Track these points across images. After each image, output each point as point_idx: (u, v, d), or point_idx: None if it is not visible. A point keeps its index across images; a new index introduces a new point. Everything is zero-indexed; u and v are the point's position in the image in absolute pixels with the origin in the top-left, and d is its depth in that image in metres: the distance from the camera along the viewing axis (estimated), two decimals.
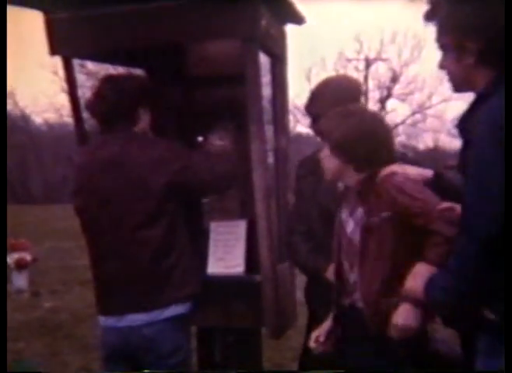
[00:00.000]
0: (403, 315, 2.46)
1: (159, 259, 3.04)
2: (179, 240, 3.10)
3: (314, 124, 3.19)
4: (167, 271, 3.05)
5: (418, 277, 2.39)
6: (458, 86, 2.33)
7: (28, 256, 10.64)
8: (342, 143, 2.65)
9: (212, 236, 3.58)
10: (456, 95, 2.44)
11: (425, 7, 2.34)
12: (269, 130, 3.54)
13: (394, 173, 2.58)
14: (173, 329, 3.07)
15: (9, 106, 50.71)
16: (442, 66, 2.33)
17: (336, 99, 3.18)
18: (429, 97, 34.23)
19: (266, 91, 3.47)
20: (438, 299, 2.21)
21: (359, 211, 2.64)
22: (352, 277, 2.67)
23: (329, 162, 2.73)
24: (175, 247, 3.08)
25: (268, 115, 3.51)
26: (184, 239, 3.12)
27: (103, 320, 3.18)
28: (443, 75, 2.37)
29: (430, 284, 2.26)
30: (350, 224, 2.69)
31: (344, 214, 2.74)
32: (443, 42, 2.30)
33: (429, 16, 2.35)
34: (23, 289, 10.35)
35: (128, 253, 3.05)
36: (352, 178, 2.70)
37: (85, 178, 3.14)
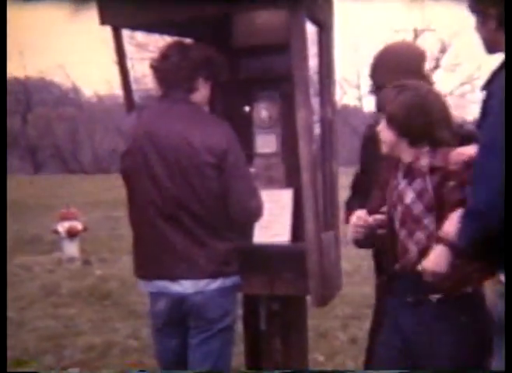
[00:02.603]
0: (434, 258, 2.53)
1: (206, 233, 3.12)
2: (223, 215, 3.15)
3: (376, 94, 3.20)
4: (215, 244, 3.12)
5: (453, 222, 2.47)
6: (488, 48, 2.50)
7: (79, 225, 10.86)
8: (396, 116, 2.70)
9: None
10: None
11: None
12: (316, 101, 3.54)
13: (464, 151, 2.60)
14: (221, 296, 3.15)
15: (60, 78, 51.32)
16: (476, 29, 2.49)
17: (398, 66, 3.18)
18: (478, 68, 33.55)
19: (313, 63, 3.47)
20: (461, 245, 2.39)
21: (420, 182, 2.69)
22: (412, 245, 2.71)
23: (385, 135, 2.77)
24: (221, 221, 3.15)
25: (314, 86, 3.51)
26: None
27: (151, 287, 3.24)
28: None
29: (459, 230, 2.41)
30: (409, 193, 2.72)
31: (402, 184, 2.77)
32: (471, 8, 2.47)
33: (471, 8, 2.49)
34: (75, 257, 10.58)
35: (176, 223, 3.11)
36: (406, 152, 2.74)
37: (136, 144, 3.17)
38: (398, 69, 3.20)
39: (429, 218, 2.65)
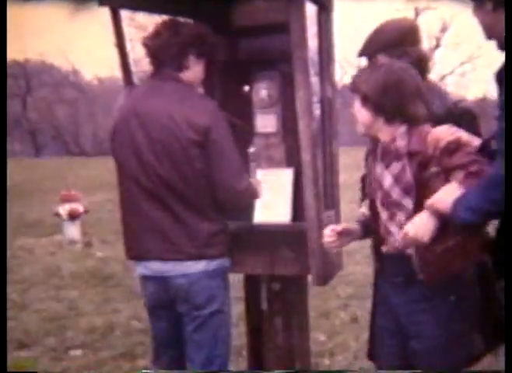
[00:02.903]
0: (417, 224, 2.54)
1: (189, 213, 3.09)
2: (209, 195, 3.12)
3: None
4: (198, 226, 3.10)
5: (447, 193, 2.48)
6: (486, 33, 2.45)
7: (80, 207, 10.86)
8: (370, 94, 2.70)
9: None
10: None
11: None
12: (315, 81, 3.53)
13: (445, 130, 2.61)
14: (206, 279, 3.12)
15: (60, 61, 51.18)
16: (473, 13, 2.45)
17: (389, 41, 3.17)
18: (479, 47, 33.43)
19: (312, 43, 3.45)
20: (463, 216, 2.38)
21: (396, 165, 2.68)
22: (393, 227, 2.71)
23: (361, 115, 2.77)
24: (206, 202, 3.12)
25: (314, 66, 3.50)
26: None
27: (141, 269, 3.24)
28: None
29: (458, 201, 2.40)
30: (387, 177, 2.71)
31: (378, 167, 2.76)
32: None
33: None
34: (76, 239, 10.59)
35: (160, 203, 3.09)
36: (384, 131, 2.73)
37: (123, 122, 3.17)
38: (390, 43, 3.20)
39: (408, 199, 2.64)
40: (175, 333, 3.25)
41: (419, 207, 2.59)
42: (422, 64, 3.20)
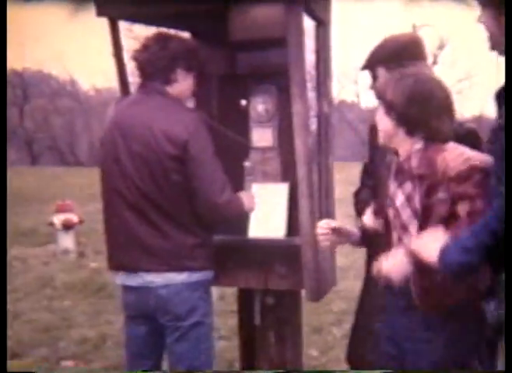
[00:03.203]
0: (392, 264, 2.52)
1: (170, 226, 3.09)
2: (190, 209, 3.11)
3: (373, 84, 3.20)
4: (179, 238, 3.10)
5: (432, 240, 2.41)
6: (495, 43, 2.31)
7: (74, 217, 10.82)
8: (395, 103, 2.62)
9: None
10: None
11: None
12: (312, 96, 3.54)
13: (457, 156, 2.53)
14: (188, 291, 3.13)
15: (57, 70, 51.25)
16: (480, 20, 2.32)
17: (389, 55, 3.17)
18: (476, 64, 33.56)
19: (310, 57, 3.46)
20: (447, 268, 2.31)
21: (408, 185, 2.62)
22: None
23: (383, 123, 2.70)
24: (187, 215, 3.11)
25: (311, 81, 3.51)
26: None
27: (122, 279, 3.25)
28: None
29: (444, 252, 2.32)
30: (399, 196, 2.66)
31: (393, 185, 2.71)
32: None
33: None
34: (70, 249, 10.55)
35: (141, 215, 3.10)
36: (403, 142, 2.66)
37: (108, 134, 3.19)
38: (394, 57, 3.19)
39: (414, 223, 2.60)
40: (152, 344, 3.27)
41: (420, 231, 2.55)
42: None
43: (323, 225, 2.84)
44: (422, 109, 2.60)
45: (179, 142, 3.01)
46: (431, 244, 2.39)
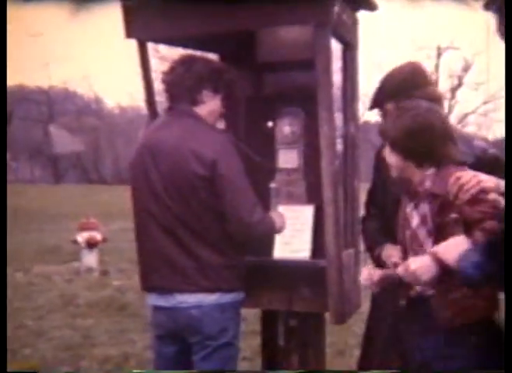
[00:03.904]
0: (419, 263, 2.52)
1: (202, 247, 3.10)
2: (221, 230, 3.12)
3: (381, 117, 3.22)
4: (211, 259, 3.10)
5: (454, 245, 2.45)
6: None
7: (98, 236, 10.89)
8: (399, 140, 2.69)
9: None
10: None
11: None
12: (338, 117, 3.55)
13: (468, 181, 2.55)
14: (218, 311, 3.13)
15: (83, 89, 51.74)
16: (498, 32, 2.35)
17: (395, 89, 3.17)
18: (502, 87, 33.38)
19: (336, 78, 3.47)
20: (467, 271, 2.33)
21: (424, 206, 2.68)
22: None
23: (392, 160, 2.77)
24: (218, 236, 3.12)
25: (337, 102, 3.51)
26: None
27: (152, 299, 3.26)
28: None
29: (464, 256, 2.37)
30: (415, 217, 2.72)
31: (409, 207, 2.77)
32: (502, 31, 2.32)
33: (487, 7, 2.39)
34: (93, 268, 10.60)
35: (173, 236, 3.11)
36: (415, 173, 2.72)
37: (138, 156, 3.22)
38: (395, 90, 3.18)
39: (429, 242, 2.65)
40: (180, 363, 3.25)
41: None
42: (436, 103, 3.19)
43: (365, 276, 2.87)
44: (426, 141, 2.66)
45: (208, 162, 3.02)
46: (453, 248, 2.44)
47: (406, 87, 3.15)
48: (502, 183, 2.51)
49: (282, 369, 3.75)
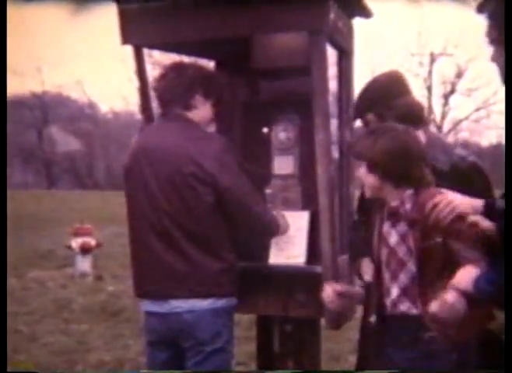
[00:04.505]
0: (446, 304, 2.50)
1: (198, 251, 3.11)
2: (218, 233, 3.15)
3: (365, 129, 3.24)
4: (207, 264, 3.11)
5: (466, 272, 2.47)
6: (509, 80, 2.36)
7: (92, 241, 10.88)
8: (377, 162, 2.71)
9: None
10: None
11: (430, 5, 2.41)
12: (334, 124, 3.56)
13: (443, 209, 2.59)
14: (212, 316, 3.13)
15: (77, 94, 51.72)
16: (493, 59, 2.39)
17: (374, 99, 3.18)
18: (495, 93, 33.43)
19: (332, 84, 3.49)
20: (485, 290, 2.37)
21: (402, 225, 2.72)
22: (395, 287, 2.76)
23: (368, 180, 2.79)
24: (215, 240, 3.14)
25: (333, 108, 3.52)
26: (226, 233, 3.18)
27: (146, 305, 3.26)
28: None
29: (479, 278, 2.41)
30: (393, 235, 2.75)
31: (386, 226, 2.80)
32: (492, 36, 2.35)
33: (480, 10, 2.40)
34: (87, 273, 10.59)
35: (168, 241, 3.12)
36: (391, 193, 2.76)
37: (133, 161, 3.23)
38: (374, 100, 3.20)
39: (412, 260, 2.68)
40: (173, 369, 3.25)
41: (423, 274, 2.64)
42: (413, 114, 3.20)
43: (329, 292, 2.93)
44: (404, 162, 2.70)
45: (207, 172, 3.05)
46: (467, 275, 2.46)
47: (384, 97, 3.16)
48: (476, 203, 2.57)
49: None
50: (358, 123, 3.41)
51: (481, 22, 2.40)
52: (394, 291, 2.75)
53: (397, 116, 3.03)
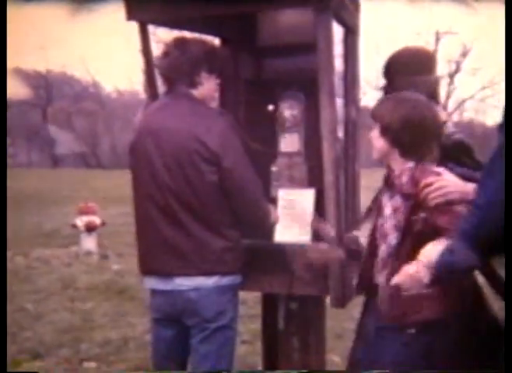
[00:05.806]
0: (409, 275, 2.56)
1: (202, 229, 3.11)
2: (223, 211, 3.15)
3: (385, 91, 3.25)
4: (211, 241, 3.12)
5: (432, 246, 2.50)
6: None
7: (97, 220, 10.91)
8: (391, 128, 2.74)
9: (280, 204, 3.60)
10: None
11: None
12: (339, 102, 3.54)
13: (434, 190, 2.60)
14: (217, 294, 3.15)
15: (80, 73, 51.57)
16: None
17: (407, 69, 3.20)
18: (500, 72, 33.27)
19: (337, 62, 3.47)
20: (447, 260, 2.36)
21: (397, 199, 2.75)
22: (381, 256, 2.81)
23: (377, 143, 2.82)
24: (219, 218, 3.14)
25: (338, 86, 3.51)
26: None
27: (151, 283, 3.27)
28: None
29: (443, 249, 2.40)
30: (388, 207, 2.79)
31: (385, 197, 2.84)
32: None
33: None
34: (92, 251, 10.62)
35: (173, 218, 3.11)
36: (396, 161, 2.78)
37: (138, 138, 3.21)
38: (408, 71, 3.23)
39: (394, 235, 2.72)
40: (178, 346, 3.28)
41: (401, 246, 2.67)
42: (434, 91, 3.29)
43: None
44: (417, 133, 2.73)
45: (212, 151, 3.03)
46: (433, 248, 2.48)
47: (417, 69, 3.21)
48: (468, 187, 2.55)
49: (282, 353, 3.77)
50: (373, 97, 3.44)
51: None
52: (379, 263, 2.81)
53: (423, 92, 3.03)
